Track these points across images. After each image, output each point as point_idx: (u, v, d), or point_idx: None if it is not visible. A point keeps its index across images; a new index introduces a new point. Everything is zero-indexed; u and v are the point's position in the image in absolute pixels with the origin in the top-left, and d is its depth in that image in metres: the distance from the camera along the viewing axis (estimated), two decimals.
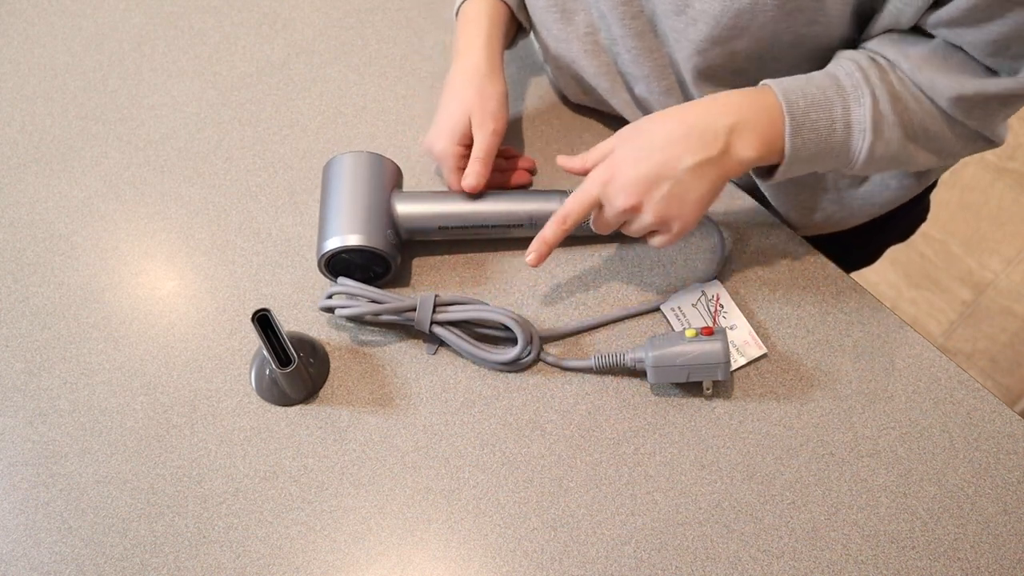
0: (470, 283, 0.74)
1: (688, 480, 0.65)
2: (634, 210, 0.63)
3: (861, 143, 0.62)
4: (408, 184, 0.79)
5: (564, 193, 0.72)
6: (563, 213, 0.65)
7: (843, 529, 0.63)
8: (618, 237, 0.75)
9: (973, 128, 0.64)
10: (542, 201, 0.72)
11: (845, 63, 0.62)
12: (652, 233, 0.66)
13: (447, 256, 0.76)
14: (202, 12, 0.93)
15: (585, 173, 0.67)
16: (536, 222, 0.72)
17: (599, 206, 0.65)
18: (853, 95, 0.61)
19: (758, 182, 0.72)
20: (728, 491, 0.65)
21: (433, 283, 0.74)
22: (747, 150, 0.62)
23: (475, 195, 0.73)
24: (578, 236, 0.73)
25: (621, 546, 0.63)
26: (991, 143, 0.66)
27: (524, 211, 0.72)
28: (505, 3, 0.77)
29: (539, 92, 0.86)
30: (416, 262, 0.75)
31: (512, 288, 0.74)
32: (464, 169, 0.72)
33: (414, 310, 0.68)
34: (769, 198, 0.79)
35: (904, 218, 0.94)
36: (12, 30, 0.92)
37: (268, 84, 0.87)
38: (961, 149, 0.66)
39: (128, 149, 0.83)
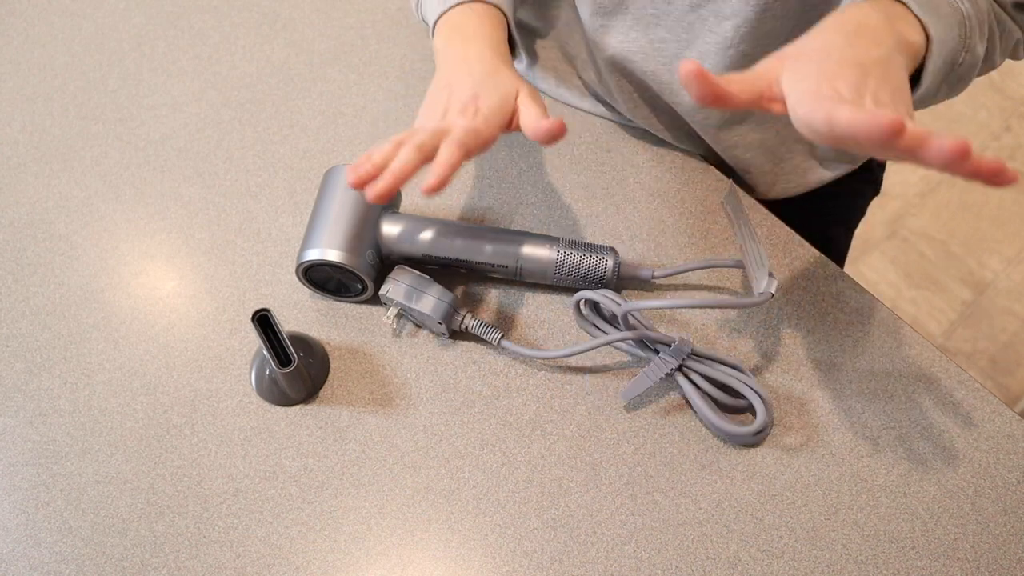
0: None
1: (688, 480, 0.65)
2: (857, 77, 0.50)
3: (963, 6, 0.59)
4: (404, 188, 0.79)
5: (557, 240, 0.70)
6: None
7: (843, 529, 0.63)
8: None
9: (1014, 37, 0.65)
10: (533, 246, 0.70)
11: None
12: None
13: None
14: (202, 12, 0.93)
15: (748, 99, 0.51)
16: (523, 269, 0.70)
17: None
18: None
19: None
20: (728, 491, 0.65)
21: None
22: (910, 32, 0.55)
23: (466, 227, 0.70)
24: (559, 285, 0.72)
25: (621, 546, 0.63)
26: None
27: (512, 254, 0.70)
28: (502, 12, 0.68)
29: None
30: None
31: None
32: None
33: (668, 345, 0.66)
34: (737, 160, 0.80)
35: (851, 196, 0.95)
36: (12, 30, 0.92)
37: (268, 84, 0.87)
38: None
39: (128, 149, 0.83)
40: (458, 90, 0.60)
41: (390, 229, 0.70)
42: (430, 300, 0.68)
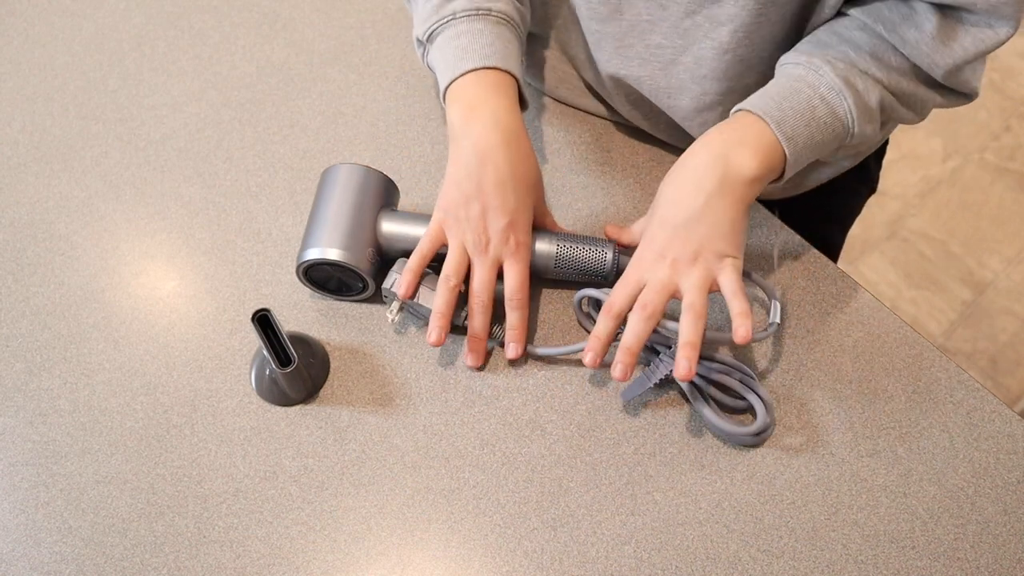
0: None
1: (688, 480, 0.65)
2: (674, 266, 0.64)
3: (844, 102, 0.64)
4: (404, 188, 0.79)
5: (556, 234, 0.71)
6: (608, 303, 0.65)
7: (843, 529, 0.63)
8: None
9: (956, 89, 0.67)
10: (533, 240, 0.70)
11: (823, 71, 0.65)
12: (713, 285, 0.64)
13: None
14: (202, 12, 0.93)
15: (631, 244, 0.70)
16: None
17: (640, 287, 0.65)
18: (817, 78, 0.65)
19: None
20: (728, 491, 0.65)
21: None
22: (746, 165, 0.63)
23: None
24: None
25: (621, 546, 0.63)
26: (968, 97, 0.69)
27: None
28: (512, 76, 0.70)
29: (531, 92, 0.86)
30: None
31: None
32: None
33: (669, 346, 0.66)
34: None
35: (846, 194, 0.96)
36: (12, 30, 0.92)
37: (268, 84, 0.87)
38: (940, 104, 0.70)
39: (128, 149, 0.83)
40: (493, 214, 0.67)
41: (389, 227, 0.70)
42: (432, 294, 0.68)
